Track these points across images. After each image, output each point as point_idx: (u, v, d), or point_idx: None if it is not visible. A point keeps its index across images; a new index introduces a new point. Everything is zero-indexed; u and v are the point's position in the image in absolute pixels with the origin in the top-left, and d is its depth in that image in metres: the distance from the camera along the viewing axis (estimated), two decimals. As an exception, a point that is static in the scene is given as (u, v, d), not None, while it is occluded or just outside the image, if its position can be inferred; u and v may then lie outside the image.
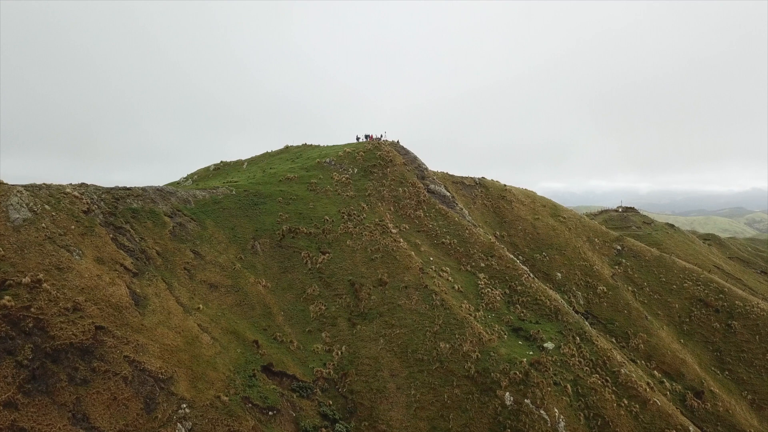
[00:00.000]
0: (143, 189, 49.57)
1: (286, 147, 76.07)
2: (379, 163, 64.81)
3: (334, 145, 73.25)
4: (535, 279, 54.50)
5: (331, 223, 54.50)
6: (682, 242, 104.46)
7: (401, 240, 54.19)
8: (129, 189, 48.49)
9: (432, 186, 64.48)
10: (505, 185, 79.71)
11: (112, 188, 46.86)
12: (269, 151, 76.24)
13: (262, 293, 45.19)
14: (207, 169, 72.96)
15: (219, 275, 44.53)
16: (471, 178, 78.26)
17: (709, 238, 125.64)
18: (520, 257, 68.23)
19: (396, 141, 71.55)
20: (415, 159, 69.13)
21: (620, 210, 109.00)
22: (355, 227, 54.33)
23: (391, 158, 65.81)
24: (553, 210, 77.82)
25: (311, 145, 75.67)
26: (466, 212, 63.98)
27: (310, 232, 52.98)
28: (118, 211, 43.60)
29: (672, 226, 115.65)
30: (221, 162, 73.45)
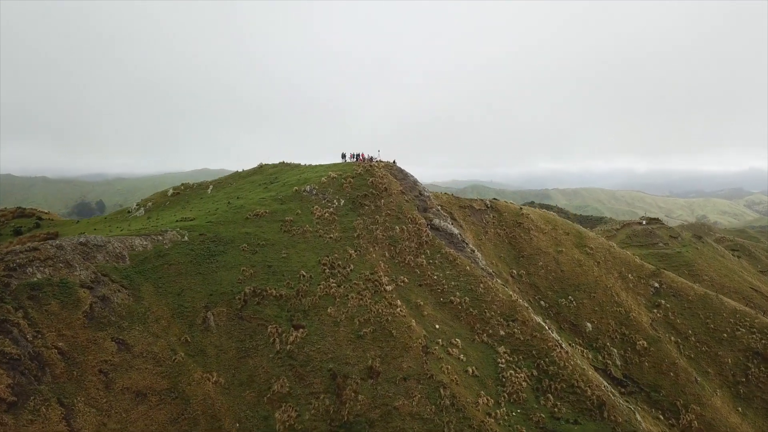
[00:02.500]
0: (58, 247, 37.50)
1: (260, 166, 63.59)
2: (371, 193, 52.67)
3: (316, 166, 60.95)
4: (570, 354, 42.90)
5: (309, 280, 42.65)
6: (713, 259, 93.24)
7: (398, 302, 42.44)
8: (35, 249, 36.41)
9: (436, 221, 52.48)
10: (521, 208, 67.67)
11: (6, 254, 34.78)
12: (240, 170, 63.98)
13: (212, 396, 33.49)
14: (165, 193, 60.62)
15: (151, 375, 32.75)
16: (481, 200, 66.19)
17: (737, 249, 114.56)
18: (543, 302, 56.70)
19: (392, 162, 59.21)
20: (415, 185, 56.93)
21: (644, 222, 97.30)
22: (339, 286, 42.51)
23: (385, 186, 53.66)
24: (578, 239, 66.00)
25: (290, 164, 63.24)
26: (479, 255, 52.11)
27: (281, 294, 41.12)
28: (9, 290, 31.74)
29: (699, 238, 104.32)
30: (182, 185, 61.13)
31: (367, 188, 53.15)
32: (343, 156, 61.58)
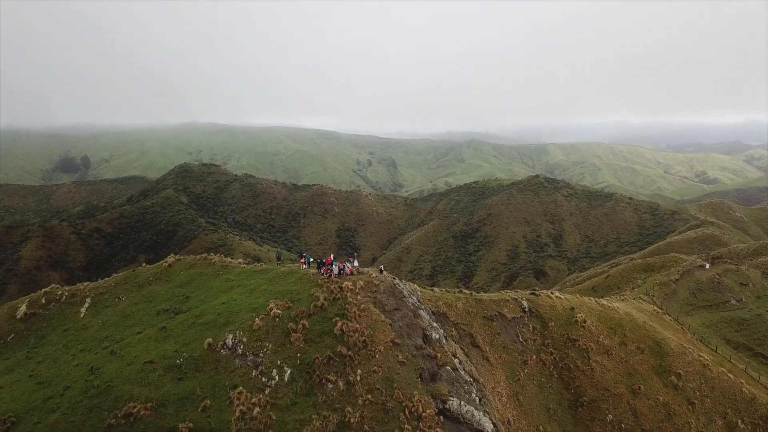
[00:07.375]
0: None
1: (170, 266, 39.51)
2: (339, 354, 29.93)
3: (254, 270, 37.31)
4: None
5: None
6: (793, 313, 72.58)
7: None
8: None
9: (454, 402, 30.15)
10: (572, 309, 45.07)
11: None
12: (139, 268, 40.56)
13: None
14: (13, 314, 36.98)
15: None
16: (513, 299, 43.40)
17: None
18: (616, 496, 35.51)
19: (378, 272, 35.63)
20: (415, 317, 33.95)
21: (707, 266, 75.27)
22: None
23: (365, 338, 30.84)
24: (658, 357, 43.99)
25: (214, 263, 39.26)
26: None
27: None
28: None
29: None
30: (45, 296, 37.61)
31: (332, 341, 30.41)
32: (279, 258, 37.69)
